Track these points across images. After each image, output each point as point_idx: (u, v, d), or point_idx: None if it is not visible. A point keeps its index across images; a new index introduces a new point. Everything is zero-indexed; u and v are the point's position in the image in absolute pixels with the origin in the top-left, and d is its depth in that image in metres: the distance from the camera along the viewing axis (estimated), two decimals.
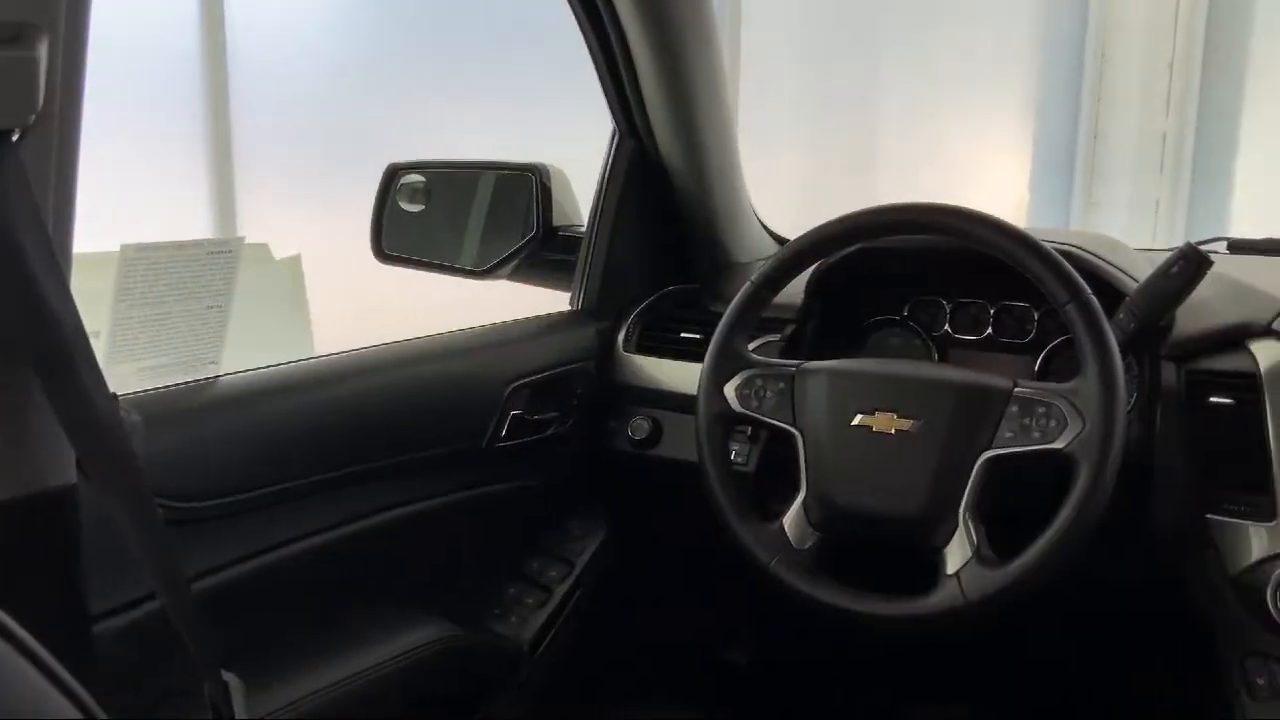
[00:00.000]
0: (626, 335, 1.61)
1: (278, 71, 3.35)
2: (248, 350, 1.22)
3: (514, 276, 1.71)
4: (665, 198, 1.64)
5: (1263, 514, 1.19)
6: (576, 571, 1.56)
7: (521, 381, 1.45)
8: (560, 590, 1.54)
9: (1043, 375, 1.44)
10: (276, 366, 1.25)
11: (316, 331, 3.38)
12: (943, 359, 1.52)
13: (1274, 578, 1.16)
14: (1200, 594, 1.25)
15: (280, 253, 3.36)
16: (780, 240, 1.79)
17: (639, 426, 1.55)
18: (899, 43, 4.13)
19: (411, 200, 1.71)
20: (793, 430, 1.25)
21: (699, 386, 1.30)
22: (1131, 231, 4.06)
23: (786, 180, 4.08)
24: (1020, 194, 4.28)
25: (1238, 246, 1.65)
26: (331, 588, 1.26)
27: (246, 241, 1.13)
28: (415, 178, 1.70)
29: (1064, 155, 4.19)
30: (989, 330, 1.49)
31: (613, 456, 1.58)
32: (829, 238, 1.30)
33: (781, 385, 1.27)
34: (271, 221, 3.35)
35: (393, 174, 1.68)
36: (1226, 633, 1.23)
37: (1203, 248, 1.54)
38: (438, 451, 1.37)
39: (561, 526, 1.61)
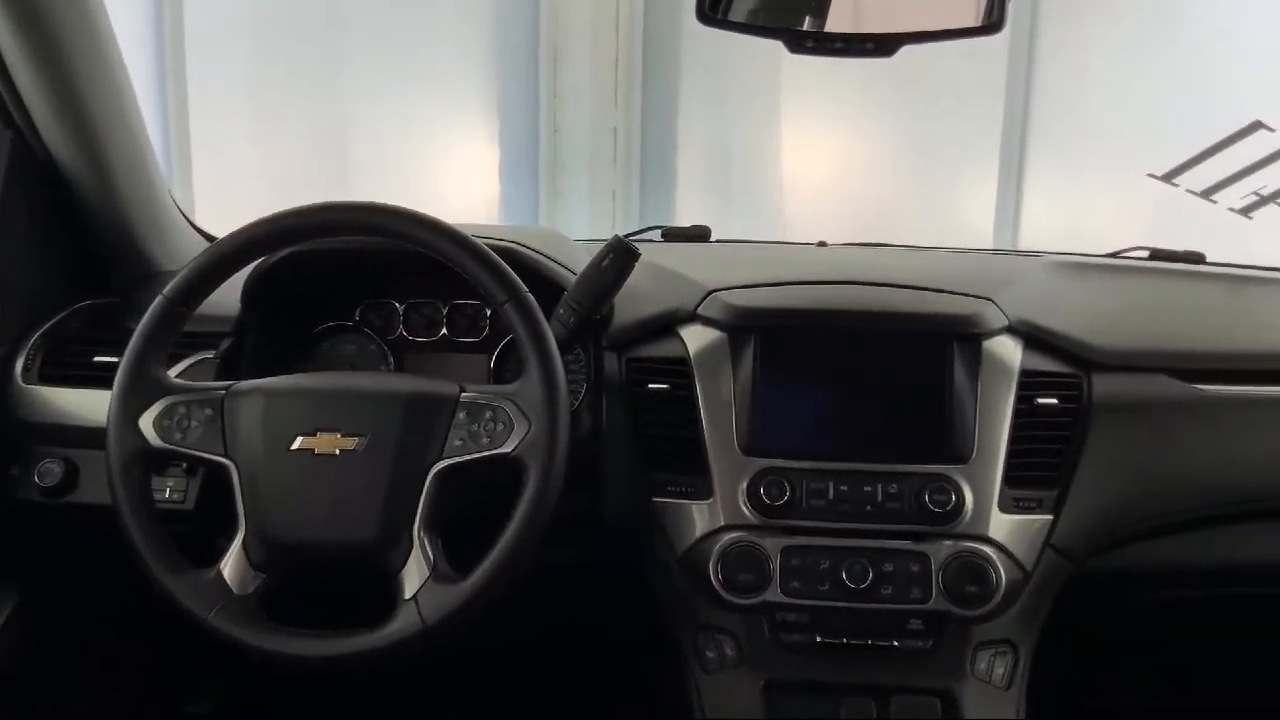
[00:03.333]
0: (26, 363, 1.36)
1: None
2: None
3: None
4: (65, 201, 1.40)
5: (701, 493, 1.25)
6: None
7: None
8: None
9: (498, 374, 1.42)
10: None
11: None
12: (399, 364, 1.45)
13: (714, 552, 1.22)
14: (654, 576, 1.29)
15: None
16: None
17: (48, 471, 1.32)
18: (361, 50, 4.03)
19: None
20: (225, 462, 1.11)
21: (108, 421, 1.12)
22: (595, 219, 4.30)
23: (252, 187, 3.83)
24: (492, 186, 4.37)
25: (670, 234, 1.74)
26: None
27: None
28: None
29: (529, 148, 4.33)
30: (444, 331, 1.44)
31: (18, 509, 1.33)
32: (250, 242, 1.17)
33: (209, 412, 1.12)
34: None
35: None
36: (678, 610, 1.28)
37: (639, 237, 1.62)
38: None
39: None
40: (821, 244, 1.74)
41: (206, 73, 3.76)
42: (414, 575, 1.07)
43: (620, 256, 1.24)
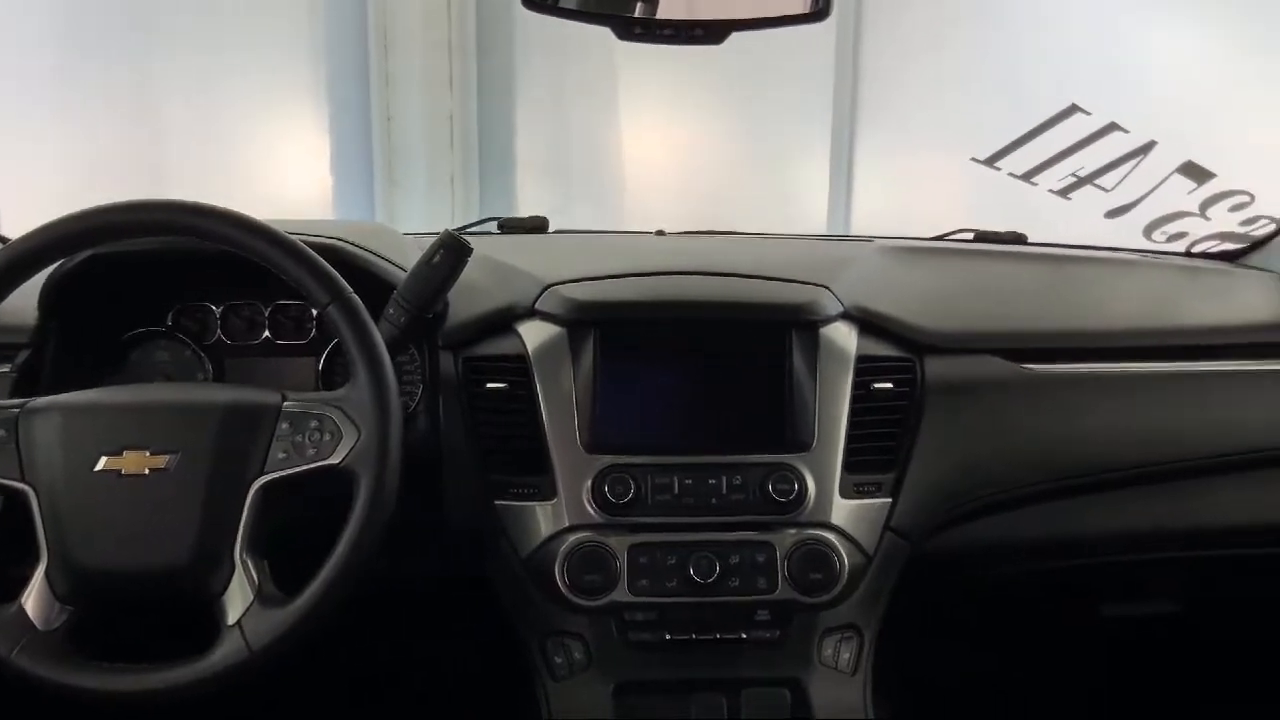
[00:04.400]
0: None
1: None
2: None
3: None
4: None
5: (544, 494, 1.22)
6: None
7: None
8: None
9: (327, 378, 1.35)
10: None
11: None
12: (219, 371, 1.36)
13: (560, 554, 1.19)
14: (498, 581, 1.25)
15: None
16: None
17: None
18: (175, 37, 3.81)
19: None
20: (22, 487, 1.02)
21: None
22: (434, 208, 4.20)
23: (59, 187, 3.57)
24: (324, 179, 4.22)
25: (508, 226, 1.70)
26: None
27: None
28: None
29: (361, 139, 4.20)
30: (266, 334, 1.36)
31: None
32: (44, 245, 1.07)
33: (1, 433, 1.03)
34: None
35: None
36: (526, 617, 1.24)
37: (475, 229, 1.57)
38: None
39: None
40: (660, 233, 1.72)
41: (4, 67, 3.51)
42: (237, 600, 1.01)
43: (452, 252, 1.19)
